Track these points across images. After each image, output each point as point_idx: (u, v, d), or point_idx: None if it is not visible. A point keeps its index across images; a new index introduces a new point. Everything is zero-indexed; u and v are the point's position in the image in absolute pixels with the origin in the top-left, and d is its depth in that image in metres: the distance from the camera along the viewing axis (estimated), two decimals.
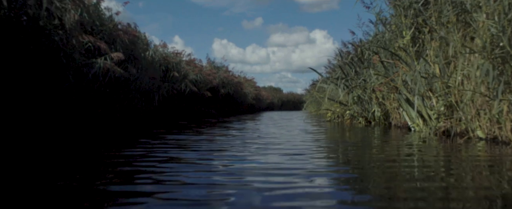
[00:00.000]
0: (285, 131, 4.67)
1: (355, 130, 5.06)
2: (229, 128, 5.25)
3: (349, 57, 6.79)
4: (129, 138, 3.55)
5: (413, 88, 4.25)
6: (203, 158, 2.27)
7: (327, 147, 2.95)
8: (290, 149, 2.67)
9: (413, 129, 4.47)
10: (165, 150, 2.59)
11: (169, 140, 3.29)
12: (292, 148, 2.76)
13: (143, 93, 6.74)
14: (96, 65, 4.88)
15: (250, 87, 20.97)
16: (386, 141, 3.42)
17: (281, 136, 3.87)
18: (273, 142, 3.14)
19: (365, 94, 5.92)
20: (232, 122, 7.11)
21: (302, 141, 3.31)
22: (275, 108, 42.55)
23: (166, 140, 3.30)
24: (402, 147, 2.89)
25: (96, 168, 1.95)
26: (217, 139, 3.42)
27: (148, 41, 9.33)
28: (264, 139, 3.42)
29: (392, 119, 5.70)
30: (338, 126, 6.23)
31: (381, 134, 4.27)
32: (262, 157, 2.26)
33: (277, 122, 7.30)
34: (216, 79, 14.49)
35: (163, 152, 2.52)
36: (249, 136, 3.79)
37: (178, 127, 5.32)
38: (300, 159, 2.20)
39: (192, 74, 11.95)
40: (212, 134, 3.97)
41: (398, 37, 5.00)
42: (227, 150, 2.60)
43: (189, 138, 3.52)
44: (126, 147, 2.82)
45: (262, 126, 5.62)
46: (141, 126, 5.26)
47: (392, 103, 5.42)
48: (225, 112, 15.23)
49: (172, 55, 10.52)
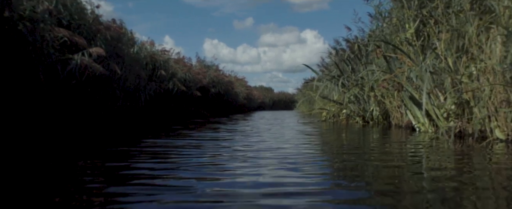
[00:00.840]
0: (280, 133, 4.30)
1: (354, 131, 4.72)
2: (218, 129, 4.86)
3: (346, 54, 6.45)
4: (103, 144, 3.14)
5: (419, 84, 3.91)
6: (175, 176, 1.71)
7: (329, 155, 2.59)
8: (286, 158, 2.30)
9: (418, 129, 4.14)
10: (137, 162, 2.19)
11: (147, 147, 2.89)
12: (288, 156, 2.39)
13: (128, 92, 6.32)
14: (72, 62, 4.45)
15: (241, 86, 20.59)
16: (392, 143, 3.07)
17: (275, 140, 3.51)
18: (265, 150, 2.77)
19: (363, 93, 5.58)
20: (222, 123, 6.72)
21: (301, 147, 2.95)
22: (266, 108, 42.22)
23: (143, 147, 2.90)
24: (417, 153, 2.54)
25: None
26: (202, 145, 3.03)
27: (134, 38, 8.92)
28: (255, 146, 3.04)
29: (392, 118, 5.38)
30: (334, 126, 5.89)
31: (384, 136, 3.92)
32: (253, 170, 1.87)
33: (269, 123, 6.93)
34: (206, 78, 14.08)
35: (130, 165, 2.12)
36: (239, 140, 3.41)
37: (163, 129, 4.91)
38: (301, 173, 1.83)
39: (180, 73, 11.52)
40: (195, 139, 3.58)
41: (399, 31, 4.67)
42: (208, 164, 2.20)
43: (169, 143, 3.12)
44: (87, 158, 2.42)
45: (254, 129, 5.24)
46: (124, 129, 4.85)
47: (393, 102, 5.09)
48: (216, 112, 14.82)
49: (159, 53, 10.07)
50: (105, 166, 1.92)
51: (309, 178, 1.63)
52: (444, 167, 1.90)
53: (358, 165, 1.98)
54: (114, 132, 4.16)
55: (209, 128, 4.88)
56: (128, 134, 4.01)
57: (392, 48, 4.19)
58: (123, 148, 2.65)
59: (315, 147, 2.93)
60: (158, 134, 4.03)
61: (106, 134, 3.88)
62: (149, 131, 4.48)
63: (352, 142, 3.32)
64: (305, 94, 21.89)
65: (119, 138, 3.49)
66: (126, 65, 5.65)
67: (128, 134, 4.01)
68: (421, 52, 3.92)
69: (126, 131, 4.36)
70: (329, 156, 2.44)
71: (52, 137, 3.44)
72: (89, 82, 4.90)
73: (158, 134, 3.96)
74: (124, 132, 4.19)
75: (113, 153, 2.44)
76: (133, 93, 6.41)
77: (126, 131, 4.44)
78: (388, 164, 1.99)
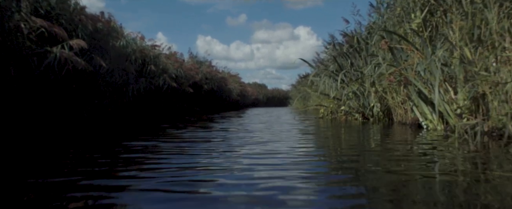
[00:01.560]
0: (277, 132, 3.99)
1: (355, 129, 4.42)
2: (209, 129, 4.53)
3: (345, 47, 6.13)
4: (71, 149, 2.80)
5: (427, 78, 3.61)
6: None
7: (333, 158, 2.28)
8: (290, 164, 1.98)
9: (425, 126, 3.84)
10: (94, 177, 1.85)
11: (122, 153, 2.55)
12: (292, 158, 2.08)
13: (115, 88, 5.95)
14: (51, 55, 4.08)
15: (235, 82, 20.23)
16: (398, 143, 2.76)
17: (274, 139, 3.19)
18: (264, 154, 2.45)
19: (363, 88, 5.28)
20: (215, 121, 6.39)
21: (301, 150, 2.64)
22: (260, 104, 41.90)
23: (118, 153, 2.56)
24: (427, 154, 2.24)
25: None
26: (187, 149, 2.70)
27: (123, 32, 8.53)
28: (252, 148, 2.72)
29: (395, 115, 5.08)
30: (332, 124, 5.59)
31: (387, 134, 3.62)
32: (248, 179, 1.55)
33: (265, 120, 6.62)
34: (199, 75, 13.71)
35: (78, 182, 1.78)
36: (233, 144, 3.09)
37: (149, 128, 4.57)
38: (307, 186, 1.51)
39: (172, 69, 11.15)
40: (182, 140, 3.25)
41: (403, 22, 4.36)
42: (190, 181, 1.87)
43: (150, 147, 2.78)
44: (34, 171, 2.08)
45: (248, 128, 4.92)
46: (108, 128, 4.49)
47: (397, 97, 4.80)
48: (209, 109, 14.47)
49: (149, 48, 9.69)
50: (45, 184, 1.43)
51: (309, 187, 1.31)
52: (463, 172, 1.59)
53: (363, 170, 1.67)
54: (95, 133, 3.81)
55: (200, 127, 4.55)
56: (109, 134, 3.66)
57: (398, 39, 3.89)
58: (91, 155, 2.30)
59: (320, 151, 2.62)
60: (142, 134, 3.69)
61: (84, 135, 3.52)
62: (134, 130, 4.14)
63: (359, 143, 3.01)
64: (299, 90, 21.60)
65: (95, 140, 3.14)
66: (112, 59, 5.28)
67: (110, 134, 3.66)
68: (429, 43, 3.62)
69: (109, 131, 4.01)
70: (334, 159, 2.13)
71: (16, 140, 3.08)
72: (71, 77, 4.53)
73: (142, 135, 3.62)
74: (106, 132, 3.84)
75: (75, 162, 2.08)
76: (120, 89, 6.04)
77: (110, 131, 4.08)
78: (394, 169, 1.68)
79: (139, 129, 4.32)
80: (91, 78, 5.15)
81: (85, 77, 4.99)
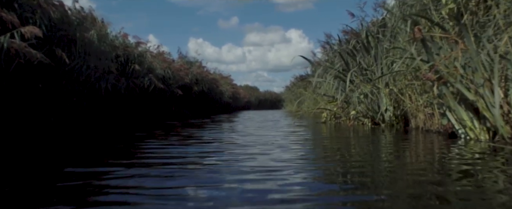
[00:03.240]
0: (284, 147, 3.22)
1: (368, 137, 3.66)
2: (195, 139, 3.74)
3: (351, 43, 5.38)
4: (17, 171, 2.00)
5: (466, 75, 2.86)
6: None
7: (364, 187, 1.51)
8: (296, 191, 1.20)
9: (463, 136, 3.09)
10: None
11: (63, 183, 1.75)
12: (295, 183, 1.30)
13: (87, 88, 5.11)
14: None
15: (227, 84, 19.42)
16: (429, 155, 1.99)
17: (285, 159, 2.42)
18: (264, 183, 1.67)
19: (377, 89, 4.54)
20: (202, 127, 5.60)
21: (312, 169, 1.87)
22: (252, 107, 41.11)
23: (40, 185, 1.76)
24: (479, 176, 1.47)
25: None
26: (157, 174, 1.91)
27: (105, 26, 7.72)
28: (256, 182, 1.94)
29: (414, 120, 4.34)
30: (338, 130, 4.83)
31: (416, 146, 2.86)
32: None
33: (262, 126, 5.84)
34: (189, 76, 12.87)
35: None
36: (222, 170, 2.30)
37: (118, 138, 3.77)
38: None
39: (159, 69, 10.32)
40: (150, 159, 2.45)
41: (429, 9, 3.62)
42: None
43: (96, 173, 1.97)
44: None
45: (245, 139, 4.14)
46: (68, 137, 3.67)
47: (418, 99, 4.05)
48: (199, 112, 13.64)
49: (133, 46, 8.85)
50: None
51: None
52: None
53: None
54: (42, 143, 2.99)
55: (183, 138, 3.73)
56: (57, 149, 2.84)
57: (430, 25, 3.13)
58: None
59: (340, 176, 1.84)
60: (101, 148, 2.88)
61: (21, 149, 2.71)
62: (95, 141, 3.32)
63: (388, 160, 2.23)
64: (294, 92, 20.86)
65: (27, 158, 2.33)
66: (81, 54, 4.45)
67: (58, 149, 2.85)
68: (470, 32, 2.87)
69: (63, 143, 3.19)
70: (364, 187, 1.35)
71: None
72: (24, 72, 3.70)
73: (100, 149, 2.80)
74: (55, 145, 3.03)
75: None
76: (92, 88, 5.20)
77: (65, 141, 3.27)
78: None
79: (104, 140, 3.50)
80: (51, 74, 4.32)
81: (43, 73, 4.16)
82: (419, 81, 3.97)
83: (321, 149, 2.85)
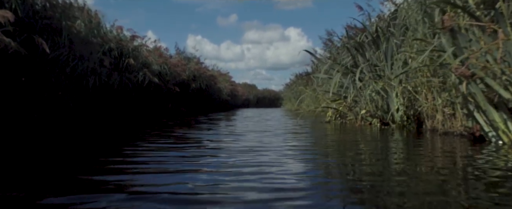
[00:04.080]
0: (286, 148, 2.85)
1: (379, 138, 3.28)
2: (187, 143, 3.36)
3: (360, 37, 5.00)
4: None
5: (498, 71, 2.49)
6: None
7: None
8: None
9: (495, 140, 2.72)
10: None
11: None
12: None
13: (74, 81, 4.70)
14: None
15: (225, 81, 19.02)
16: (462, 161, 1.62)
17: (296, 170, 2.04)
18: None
19: (390, 87, 4.16)
20: (199, 128, 5.22)
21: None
22: (250, 105, 40.68)
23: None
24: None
25: None
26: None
27: (98, 17, 7.31)
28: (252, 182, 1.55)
29: (430, 121, 3.96)
30: (345, 131, 4.46)
31: (443, 152, 2.49)
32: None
33: (264, 127, 5.47)
34: (186, 72, 12.44)
35: None
36: (219, 187, 1.91)
37: (98, 140, 3.39)
38: None
39: (155, 65, 9.91)
40: (121, 174, 2.07)
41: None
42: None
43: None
44: None
45: (246, 141, 3.76)
46: (53, 137, 3.28)
47: (437, 98, 3.68)
48: (197, 109, 13.24)
49: (127, 39, 8.44)
50: None
51: None
52: None
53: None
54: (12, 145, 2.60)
55: (174, 140, 3.34)
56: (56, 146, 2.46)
57: (462, 13, 2.75)
58: None
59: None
60: (70, 156, 2.49)
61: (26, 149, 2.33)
62: (70, 144, 2.94)
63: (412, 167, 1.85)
64: (293, 90, 20.48)
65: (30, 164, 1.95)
66: (65, 42, 4.05)
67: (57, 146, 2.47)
68: (507, 21, 2.49)
69: (26, 148, 2.80)
70: None
71: None
72: (2, 64, 3.31)
73: (68, 158, 2.42)
74: (55, 143, 2.64)
75: None
76: (78, 81, 4.79)
77: (29, 146, 2.88)
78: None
79: (81, 142, 3.12)
80: (37, 67, 3.92)
81: (28, 65, 3.76)
82: (437, 78, 3.60)
83: (331, 158, 2.48)
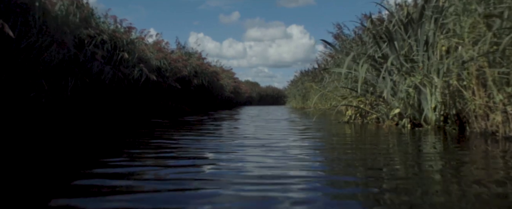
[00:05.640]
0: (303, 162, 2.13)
1: (435, 148, 2.55)
2: (176, 150, 2.65)
3: (392, 23, 4.26)
4: None
5: None
6: None
7: None
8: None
9: None
10: None
11: None
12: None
13: (53, 73, 4.00)
14: None
15: (228, 78, 18.28)
16: None
17: None
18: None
19: (429, 79, 3.43)
20: (199, 129, 4.51)
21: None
22: (253, 103, 39.94)
23: None
24: None
25: None
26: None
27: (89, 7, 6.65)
28: None
29: (486, 122, 3.23)
30: (371, 134, 3.75)
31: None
32: None
33: (275, 126, 4.75)
34: (187, 68, 11.70)
35: None
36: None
37: (65, 148, 2.69)
38: None
39: (153, 59, 9.21)
40: None
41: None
42: None
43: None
44: None
45: (250, 144, 3.03)
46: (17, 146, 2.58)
47: (496, 95, 2.95)
48: (199, 106, 12.53)
49: (122, 31, 7.73)
50: None
51: None
52: None
53: None
54: None
55: (165, 150, 2.63)
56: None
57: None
58: None
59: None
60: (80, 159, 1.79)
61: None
62: (79, 144, 2.25)
63: None
64: (299, 87, 19.70)
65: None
66: (39, 27, 3.34)
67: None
68: None
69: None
70: None
71: None
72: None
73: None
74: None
75: None
76: (57, 74, 4.08)
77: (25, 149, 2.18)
78: None
79: (49, 148, 2.41)
80: (6, 53, 3.21)
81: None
82: (499, 67, 2.86)
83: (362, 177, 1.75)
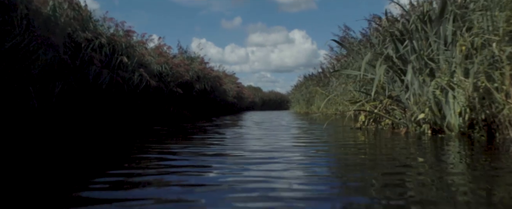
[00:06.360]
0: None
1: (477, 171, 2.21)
2: (168, 177, 2.31)
3: (410, 21, 3.92)
4: None
5: None
6: None
7: None
8: None
9: None
10: None
11: None
12: None
13: (40, 77, 3.69)
14: None
15: (231, 83, 17.98)
16: None
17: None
18: None
19: (458, 82, 3.10)
20: (194, 140, 4.18)
21: None
22: (256, 108, 39.59)
23: None
24: None
25: None
26: None
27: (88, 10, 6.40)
28: None
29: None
30: (389, 142, 3.41)
31: None
32: None
33: (288, 135, 4.42)
34: (189, 72, 11.39)
35: None
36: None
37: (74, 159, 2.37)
38: None
39: (155, 64, 8.93)
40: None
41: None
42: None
43: None
44: None
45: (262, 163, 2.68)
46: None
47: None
48: (201, 112, 12.20)
49: (121, 34, 7.44)
50: None
51: None
52: None
53: None
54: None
55: (159, 167, 2.29)
56: None
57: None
58: None
59: None
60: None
61: None
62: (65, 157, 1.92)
63: None
64: (303, 92, 19.37)
65: None
66: (24, 25, 3.03)
67: None
68: None
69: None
70: None
71: None
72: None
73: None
74: None
75: None
76: (45, 78, 3.77)
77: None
78: None
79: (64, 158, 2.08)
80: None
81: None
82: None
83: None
